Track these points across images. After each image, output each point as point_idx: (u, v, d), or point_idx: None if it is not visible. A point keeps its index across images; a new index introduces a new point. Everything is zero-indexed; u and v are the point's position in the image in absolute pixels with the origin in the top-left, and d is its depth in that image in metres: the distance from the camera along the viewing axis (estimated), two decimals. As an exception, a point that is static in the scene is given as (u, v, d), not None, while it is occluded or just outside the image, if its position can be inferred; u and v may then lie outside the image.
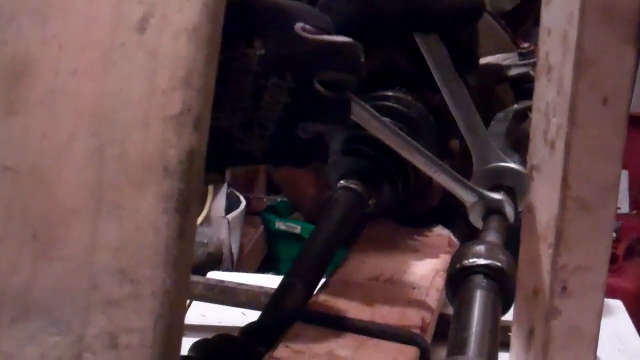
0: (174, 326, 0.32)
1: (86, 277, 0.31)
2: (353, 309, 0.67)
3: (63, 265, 0.32)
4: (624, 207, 2.97)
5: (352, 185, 0.80)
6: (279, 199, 2.61)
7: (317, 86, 0.50)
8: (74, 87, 0.33)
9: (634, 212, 2.99)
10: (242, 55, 0.46)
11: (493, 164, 0.61)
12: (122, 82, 0.33)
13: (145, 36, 0.33)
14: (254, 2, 0.48)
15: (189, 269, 0.33)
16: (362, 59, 0.53)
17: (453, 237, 0.89)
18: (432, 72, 0.58)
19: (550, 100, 0.63)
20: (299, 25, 0.49)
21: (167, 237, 0.31)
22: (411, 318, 0.66)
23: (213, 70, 0.34)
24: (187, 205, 0.32)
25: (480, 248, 0.51)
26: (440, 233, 0.90)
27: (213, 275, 0.96)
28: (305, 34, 0.49)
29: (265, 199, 2.69)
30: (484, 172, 0.63)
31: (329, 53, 0.50)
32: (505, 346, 0.76)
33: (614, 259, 2.46)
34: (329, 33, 0.51)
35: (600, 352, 0.67)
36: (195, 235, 0.34)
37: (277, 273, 2.34)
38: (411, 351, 0.60)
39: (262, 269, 2.48)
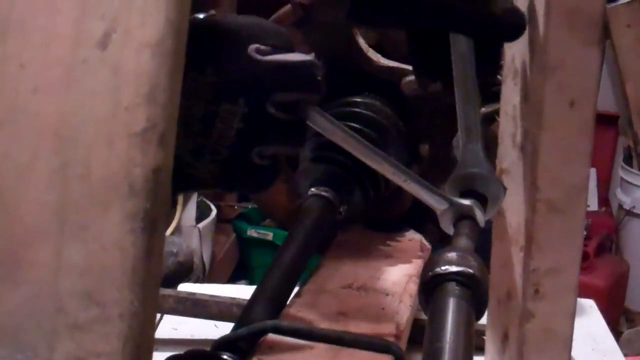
0: (143, 348, 0.31)
1: (51, 300, 0.31)
2: (327, 318, 0.66)
3: (27, 289, 0.31)
4: (593, 204, 3.00)
5: (323, 193, 0.80)
6: (250, 206, 2.59)
7: (271, 110, 0.49)
8: (36, 106, 0.32)
9: (603, 209, 3.03)
10: (193, 82, 0.45)
11: (470, 170, 0.62)
12: (84, 100, 0.32)
13: (108, 52, 0.33)
14: (205, 27, 0.47)
15: (157, 288, 0.33)
16: (320, 77, 0.52)
17: (425, 241, 0.89)
18: (453, 66, 0.58)
19: (517, 104, 0.64)
20: (252, 47, 0.47)
21: (134, 257, 0.31)
22: (385, 326, 0.66)
23: (178, 86, 0.33)
24: (154, 224, 0.31)
25: (452, 255, 0.50)
26: (412, 237, 0.90)
27: (184, 287, 0.95)
28: (258, 57, 0.47)
29: (236, 207, 2.68)
30: (462, 176, 0.63)
31: (283, 74, 0.49)
32: (480, 350, 0.76)
33: (584, 257, 2.49)
34: (287, 50, 0.50)
35: (574, 352, 0.67)
36: (164, 249, 0.34)
37: (250, 281, 2.33)
38: (385, 360, 0.60)
39: (234, 277, 2.46)
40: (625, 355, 0.89)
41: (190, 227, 2.06)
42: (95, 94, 0.32)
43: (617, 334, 2.54)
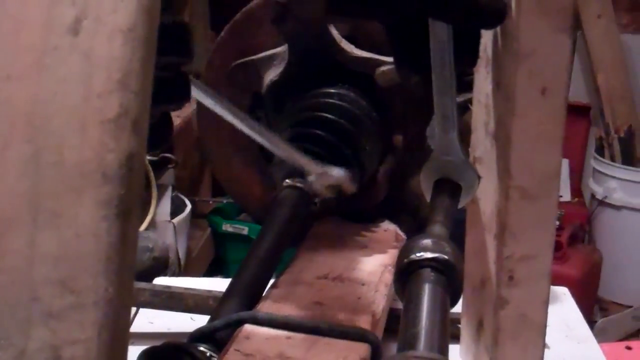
0: (119, 336, 0.31)
1: (26, 289, 0.30)
2: (303, 309, 0.66)
3: (1, 278, 0.31)
4: (566, 195, 3.03)
5: (298, 184, 0.80)
6: (225, 201, 2.59)
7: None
8: (7, 94, 0.32)
9: (576, 199, 3.06)
10: None
11: (444, 158, 0.62)
12: (56, 87, 0.32)
13: (79, 38, 0.32)
14: None
15: (132, 275, 0.32)
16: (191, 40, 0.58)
17: (400, 232, 0.90)
18: (431, 55, 0.58)
19: (489, 92, 0.64)
20: None
21: (108, 244, 0.30)
22: (361, 315, 0.66)
23: (150, 72, 0.33)
24: (128, 211, 0.31)
25: (427, 242, 0.51)
26: (387, 228, 0.90)
27: (160, 281, 0.94)
28: None
29: (211, 201, 2.68)
30: (436, 165, 0.64)
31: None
32: (455, 338, 0.77)
33: (558, 247, 2.51)
34: None
35: (548, 339, 0.68)
36: (138, 240, 0.33)
37: (226, 275, 2.32)
38: (362, 348, 0.60)
39: (210, 272, 2.46)
40: (600, 343, 0.89)
41: (165, 222, 2.05)
42: (67, 80, 0.32)
43: (591, 323, 2.56)
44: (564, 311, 0.92)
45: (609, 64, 2.95)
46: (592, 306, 2.73)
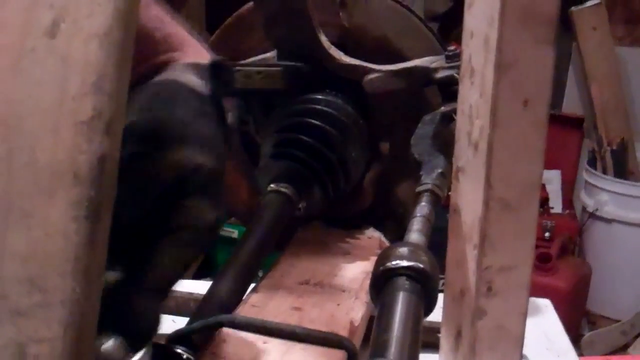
0: (85, 335, 0.31)
1: (-6, 287, 0.31)
2: (282, 314, 0.67)
3: (-30, 276, 0.31)
4: (557, 206, 3.04)
5: (282, 189, 0.80)
6: (215, 204, 2.59)
7: None
8: (-19, 93, 0.32)
9: (567, 211, 3.06)
10: None
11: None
12: (32, 88, 0.32)
13: (56, 41, 0.33)
14: None
15: (100, 276, 0.33)
16: None
17: (384, 239, 0.90)
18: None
19: (473, 103, 0.64)
20: None
21: (77, 244, 0.31)
22: (340, 321, 0.67)
23: (125, 76, 0.34)
24: (98, 212, 0.32)
25: (403, 250, 0.51)
26: (372, 235, 0.90)
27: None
28: None
29: (202, 204, 2.67)
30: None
31: None
32: (435, 347, 0.77)
33: (547, 259, 2.52)
34: None
35: (528, 351, 0.68)
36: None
37: (214, 279, 2.33)
38: (338, 355, 0.60)
39: (199, 274, 2.45)
40: (581, 355, 0.90)
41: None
42: (42, 82, 0.32)
43: (578, 336, 2.57)
44: (545, 323, 0.92)
45: (604, 76, 2.96)
46: (580, 319, 2.74)
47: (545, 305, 0.96)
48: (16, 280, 0.31)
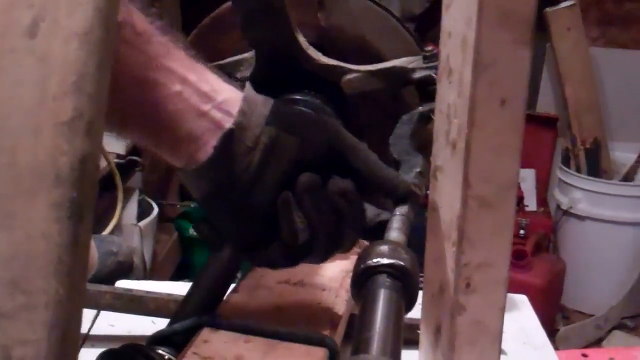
0: (70, 337, 0.31)
1: (-24, 289, 0.30)
2: (263, 313, 0.67)
3: (-49, 278, 0.31)
4: (532, 204, 3.06)
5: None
6: (192, 205, 2.58)
7: None
8: (-39, 94, 0.32)
9: (541, 209, 3.09)
10: None
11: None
12: (11, 89, 0.32)
13: (36, 41, 0.33)
14: None
15: (84, 277, 0.33)
16: None
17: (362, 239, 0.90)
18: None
19: (451, 102, 0.65)
20: None
21: (60, 245, 0.31)
22: (320, 320, 0.67)
23: (106, 76, 0.34)
24: (80, 213, 0.32)
25: (384, 248, 0.51)
26: (350, 234, 0.91)
27: (121, 284, 0.94)
28: None
29: (178, 206, 2.66)
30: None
31: None
32: (415, 344, 0.77)
33: (522, 256, 2.54)
34: None
35: (506, 345, 0.69)
36: (103, 244, 0.34)
37: (192, 280, 2.32)
38: (320, 353, 0.61)
39: (176, 276, 2.45)
40: (556, 349, 0.91)
41: (131, 225, 2.04)
42: (22, 82, 0.32)
43: (553, 331, 2.60)
44: (522, 319, 0.93)
45: (578, 76, 2.99)
46: (555, 314, 2.76)
47: (521, 300, 0.97)
48: (-1, 282, 0.30)
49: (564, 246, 2.97)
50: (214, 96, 0.59)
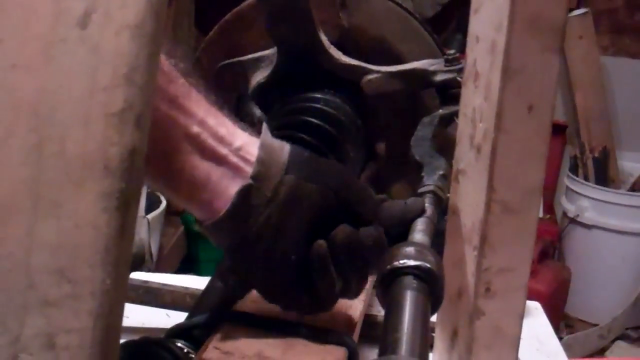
0: (113, 326, 0.31)
1: (23, 276, 0.31)
2: (282, 310, 0.67)
3: (-2, 264, 0.31)
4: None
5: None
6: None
7: None
8: (13, 82, 0.32)
9: (548, 216, 3.08)
10: None
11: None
12: (62, 78, 0.32)
13: (87, 32, 0.33)
14: None
15: (128, 267, 0.33)
16: None
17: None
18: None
19: (477, 106, 0.65)
20: None
21: (107, 236, 0.31)
22: (339, 319, 0.67)
23: (155, 68, 0.34)
24: (128, 204, 0.32)
25: (410, 250, 0.52)
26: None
27: (136, 275, 0.94)
28: None
29: (186, 199, 2.65)
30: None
31: None
32: (429, 347, 0.78)
33: (528, 262, 2.53)
34: None
35: (519, 352, 0.69)
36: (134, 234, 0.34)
37: (197, 274, 2.32)
38: (339, 352, 0.61)
39: (181, 269, 2.45)
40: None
41: (140, 217, 2.05)
42: (73, 72, 0.32)
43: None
44: (535, 325, 0.93)
45: (588, 84, 2.98)
46: (559, 322, 2.76)
47: (535, 307, 0.97)
48: (46, 270, 0.31)
49: (570, 254, 2.96)
50: (232, 140, 0.60)
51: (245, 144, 0.60)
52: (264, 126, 0.63)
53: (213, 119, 0.59)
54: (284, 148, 0.62)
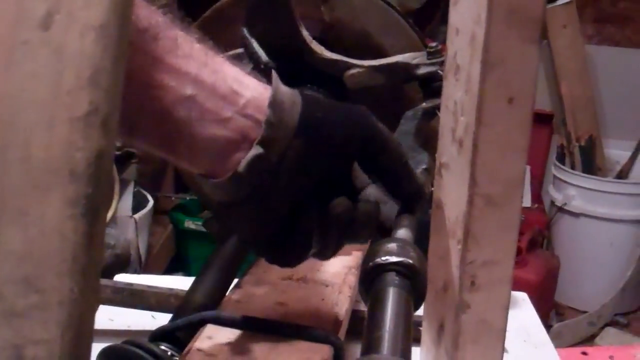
0: (83, 336, 0.31)
1: (-12, 286, 0.30)
2: (266, 309, 0.66)
3: (-37, 275, 0.30)
4: (526, 201, 3.06)
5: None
6: (188, 197, 2.57)
7: None
8: (-27, 87, 0.31)
9: (536, 205, 3.09)
10: None
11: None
12: (25, 82, 0.31)
13: (50, 33, 0.32)
14: None
15: (98, 276, 0.32)
16: None
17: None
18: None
19: (458, 99, 0.64)
20: None
21: (74, 243, 0.30)
22: (324, 316, 0.67)
23: (121, 70, 0.33)
24: (96, 210, 0.31)
25: (392, 246, 0.51)
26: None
27: (121, 278, 0.94)
28: None
29: (173, 198, 2.65)
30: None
31: None
32: (416, 341, 0.77)
33: (517, 252, 2.53)
34: None
35: (507, 343, 0.69)
36: (104, 241, 0.33)
37: (187, 273, 2.31)
38: (325, 350, 0.60)
39: (170, 269, 2.44)
40: (556, 347, 0.91)
41: (127, 217, 2.04)
42: (36, 76, 0.32)
43: (547, 327, 2.60)
44: (522, 316, 0.93)
45: (573, 73, 2.99)
46: (549, 311, 2.77)
47: (522, 298, 0.97)
48: (11, 280, 0.30)
49: (558, 243, 2.97)
50: (236, 99, 0.53)
51: (253, 99, 0.54)
52: (274, 76, 0.57)
53: (210, 74, 0.52)
54: (295, 104, 0.56)
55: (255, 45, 0.84)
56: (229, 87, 0.53)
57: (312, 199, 0.58)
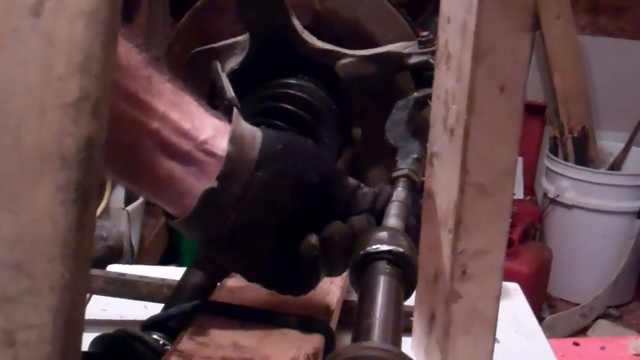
0: (74, 321, 0.31)
1: (-21, 272, 0.30)
2: (258, 299, 0.66)
3: (-46, 261, 0.30)
4: (519, 193, 3.07)
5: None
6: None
7: None
8: (-36, 74, 0.31)
9: (528, 197, 3.10)
10: None
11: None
12: (15, 68, 0.31)
13: (40, 20, 0.32)
14: None
15: (88, 261, 0.32)
16: None
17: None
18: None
19: (449, 88, 0.64)
20: None
21: (65, 229, 0.30)
22: (316, 306, 0.67)
23: (112, 56, 0.33)
24: (86, 196, 0.31)
25: (383, 234, 0.51)
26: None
27: (113, 268, 0.94)
28: None
29: (166, 189, 2.64)
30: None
31: None
32: (408, 331, 0.77)
33: (509, 244, 2.52)
34: None
35: (498, 333, 0.69)
36: (95, 227, 0.33)
37: (179, 265, 2.30)
38: (316, 339, 0.60)
39: (163, 261, 2.44)
40: (547, 338, 0.91)
41: (119, 209, 2.03)
42: (27, 62, 0.32)
43: (539, 319, 2.60)
44: (514, 306, 0.93)
45: (566, 64, 2.99)
46: (541, 302, 2.78)
47: (513, 289, 0.98)
48: (3, 266, 0.30)
49: (551, 234, 2.98)
50: (196, 134, 0.56)
51: (213, 137, 0.57)
52: (235, 113, 0.59)
53: (176, 112, 0.56)
54: (256, 139, 0.58)
55: (224, 80, 0.85)
56: (192, 124, 0.56)
57: (303, 228, 0.60)
